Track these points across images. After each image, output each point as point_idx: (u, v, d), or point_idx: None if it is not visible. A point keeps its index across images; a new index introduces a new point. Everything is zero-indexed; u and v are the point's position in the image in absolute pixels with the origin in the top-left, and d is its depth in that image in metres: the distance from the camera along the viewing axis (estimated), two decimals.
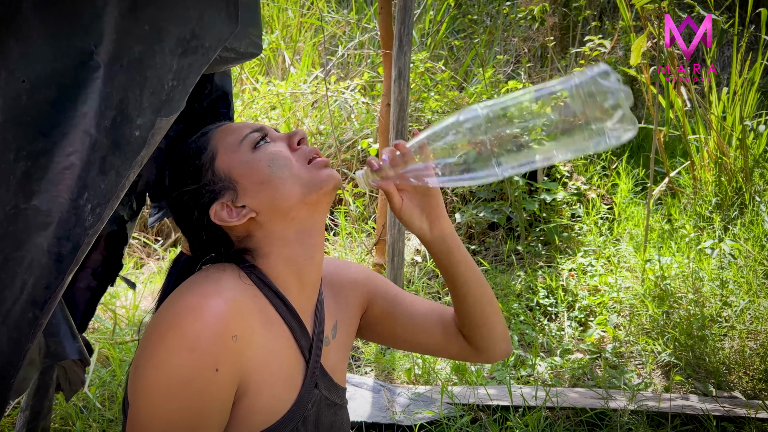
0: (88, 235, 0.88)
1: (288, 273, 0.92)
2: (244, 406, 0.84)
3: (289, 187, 0.90)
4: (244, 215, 0.90)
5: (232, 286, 0.86)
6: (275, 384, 0.87)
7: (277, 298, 0.91)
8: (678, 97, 3.53)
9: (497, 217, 3.32)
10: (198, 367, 0.78)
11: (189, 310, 0.81)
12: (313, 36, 4.97)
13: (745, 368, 2.33)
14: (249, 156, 0.91)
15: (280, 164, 0.90)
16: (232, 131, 0.94)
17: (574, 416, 2.05)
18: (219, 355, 0.79)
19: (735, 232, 3.09)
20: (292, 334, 0.91)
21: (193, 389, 0.77)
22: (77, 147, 0.85)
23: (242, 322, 0.82)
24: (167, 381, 0.77)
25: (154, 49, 0.87)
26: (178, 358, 0.77)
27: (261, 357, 0.85)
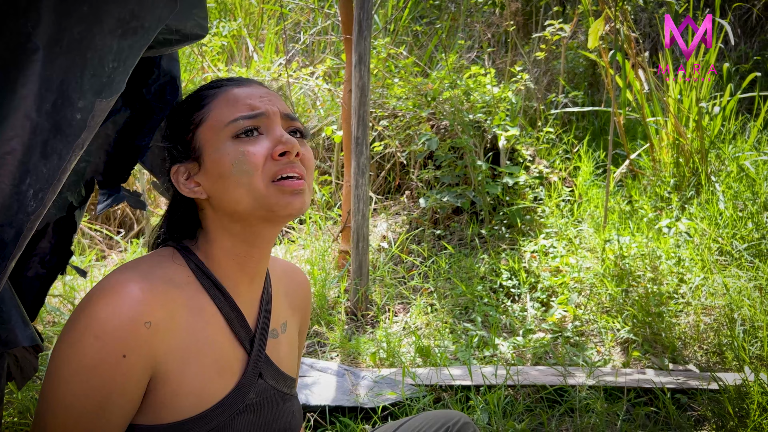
0: (30, 220, 0.87)
1: (229, 263, 0.91)
2: (166, 391, 0.84)
3: (241, 195, 0.86)
4: (194, 191, 0.90)
5: (159, 273, 0.86)
6: (204, 371, 0.86)
7: (215, 288, 0.90)
8: (636, 80, 3.59)
9: (461, 201, 3.35)
10: (104, 353, 0.77)
11: (104, 293, 0.80)
12: (275, 23, 4.92)
13: (699, 342, 2.40)
14: (223, 144, 0.87)
15: (242, 169, 0.85)
16: (236, 104, 0.89)
17: (534, 393, 2.10)
18: (127, 341, 0.78)
19: (691, 211, 3.17)
20: (228, 324, 0.91)
21: (99, 374, 0.78)
22: (18, 131, 0.84)
23: (160, 309, 0.82)
24: (74, 364, 0.78)
25: (93, 30, 0.86)
26: (85, 341, 0.78)
27: (185, 344, 0.85)
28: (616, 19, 3.16)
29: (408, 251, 3.27)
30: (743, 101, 4.42)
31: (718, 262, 2.80)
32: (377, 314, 2.73)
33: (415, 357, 2.38)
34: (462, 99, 3.62)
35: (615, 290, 2.65)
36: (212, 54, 4.50)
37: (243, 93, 0.90)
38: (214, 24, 4.62)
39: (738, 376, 2.04)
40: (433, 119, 3.64)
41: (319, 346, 2.54)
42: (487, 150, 3.57)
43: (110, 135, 1.44)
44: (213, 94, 0.92)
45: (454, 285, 2.87)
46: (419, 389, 2.07)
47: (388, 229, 3.49)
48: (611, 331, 2.52)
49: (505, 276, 2.91)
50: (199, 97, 0.92)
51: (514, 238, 3.24)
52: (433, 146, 3.40)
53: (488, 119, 3.56)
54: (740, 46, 5.26)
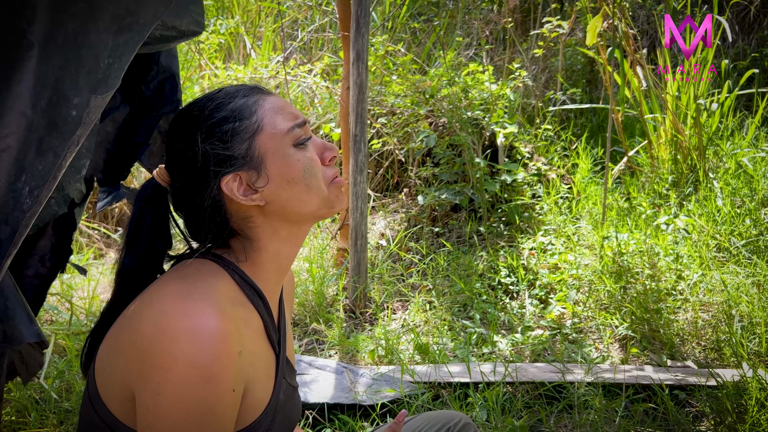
0: (26, 218, 0.87)
1: (272, 267, 0.94)
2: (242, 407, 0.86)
3: (311, 197, 0.91)
4: (253, 199, 0.89)
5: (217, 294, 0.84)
6: (259, 381, 0.89)
7: (257, 297, 0.92)
8: (634, 77, 3.59)
9: (459, 198, 3.35)
10: (218, 394, 0.78)
11: (188, 336, 0.77)
12: (273, 21, 4.91)
13: (698, 339, 2.41)
14: (290, 150, 0.90)
15: (313, 173, 0.91)
16: (283, 113, 0.91)
17: (532, 390, 2.10)
18: (232, 376, 0.79)
19: (689, 208, 3.17)
20: (265, 330, 0.93)
21: (215, 413, 0.78)
22: (13, 129, 0.84)
23: (238, 334, 0.82)
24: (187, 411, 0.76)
25: (88, 26, 0.86)
26: (195, 390, 0.76)
27: (250, 361, 0.86)
28: (614, 16, 3.16)
29: (406, 249, 3.27)
30: (741, 98, 4.42)
31: (716, 259, 2.80)
32: (376, 312, 2.73)
33: (413, 354, 2.38)
34: (460, 96, 3.61)
35: (613, 287, 2.65)
36: (210, 52, 4.49)
37: (280, 102, 0.93)
38: (211, 22, 4.61)
39: (736, 373, 2.05)
40: (431, 116, 3.64)
41: (318, 343, 2.54)
42: (485, 147, 3.57)
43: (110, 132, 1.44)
44: (254, 102, 0.91)
45: (453, 282, 2.87)
46: (418, 386, 2.07)
47: (387, 226, 3.49)
48: (609, 327, 2.52)
49: (503, 273, 2.91)
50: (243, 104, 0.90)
51: (512, 236, 3.24)
52: (431, 143, 3.40)
53: (486, 116, 3.55)
54: (738, 43, 5.26)
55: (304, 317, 2.71)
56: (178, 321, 0.78)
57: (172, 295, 0.82)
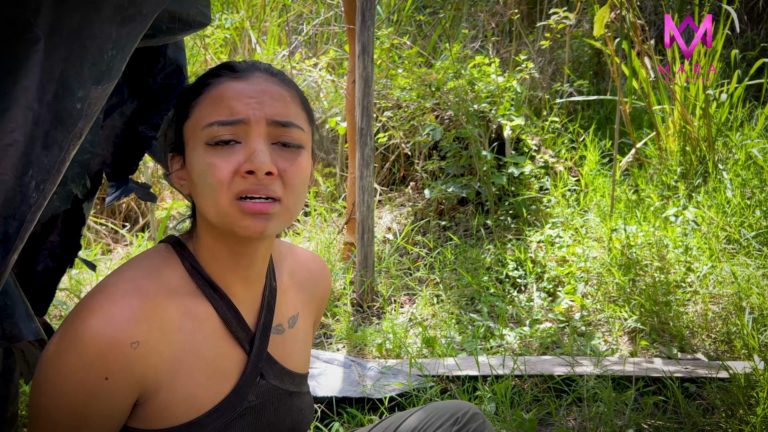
0: (32, 212, 0.86)
1: (217, 265, 0.88)
2: (158, 401, 0.82)
3: (207, 207, 0.83)
4: (180, 185, 0.88)
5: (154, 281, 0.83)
6: (197, 377, 0.84)
7: (209, 288, 0.87)
8: (642, 68, 3.56)
9: (466, 192, 3.34)
10: (86, 374, 0.76)
11: (93, 309, 0.78)
12: (278, 15, 4.90)
13: (707, 331, 2.39)
14: (197, 148, 0.83)
15: (206, 181, 0.80)
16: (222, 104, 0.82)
17: (541, 383, 2.09)
18: (109, 364, 0.76)
19: (699, 199, 3.15)
20: (225, 325, 0.88)
21: (81, 394, 0.76)
22: (20, 123, 0.83)
23: (150, 326, 0.79)
24: (57, 380, 0.76)
25: (92, 18, 0.85)
26: (69, 359, 0.76)
27: (177, 353, 0.83)
28: (621, 6, 3.13)
29: (413, 242, 3.26)
30: (750, 88, 4.37)
31: (726, 251, 2.78)
32: (383, 305, 2.72)
33: (421, 348, 2.38)
34: (466, 89, 3.60)
35: (622, 279, 2.64)
36: (215, 46, 4.48)
37: (232, 91, 0.82)
38: (216, 16, 4.60)
39: (747, 365, 2.03)
40: (437, 109, 3.62)
41: (326, 337, 2.54)
42: (492, 140, 3.55)
43: (117, 126, 1.44)
44: (208, 84, 0.85)
45: (460, 276, 2.87)
46: (426, 380, 2.07)
47: (393, 220, 3.48)
48: (618, 320, 2.50)
49: (511, 266, 2.90)
50: (198, 84, 0.87)
51: (519, 229, 3.22)
52: (437, 137, 3.39)
53: (493, 109, 3.54)
54: (747, 33, 5.21)
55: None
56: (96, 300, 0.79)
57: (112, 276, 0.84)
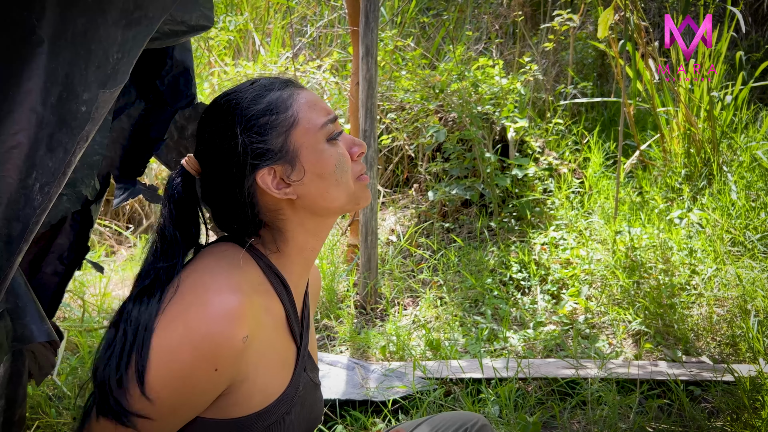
0: (36, 214, 0.86)
1: (298, 259, 0.95)
2: (242, 391, 0.86)
3: (339, 193, 0.92)
4: (285, 192, 0.90)
5: (244, 279, 0.87)
6: (271, 368, 0.90)
7: (281, 286, 0.93)
8: (646, 70, 3.55)
9: (470, 194, 3.33)
10: (198, 365, 0.79)
11: (202, 303, 0.81)
12: (282, 17, 4.91)
13: (712, 334, 2.38)
14: (323, 146, 0.91)
15: (344, 169, 0.92)
16: (317, 108, 0.92)
17: (545, 386, 2.08)
18: (221, 357, 0.80)
19: (703, 202, 3.14)
20: (287, 322, 0.94)
21: (188, 382, 0.80)
22: (24, 125, 0.83)
23: (253, 321, 0.84)
24: (165, 368, 0.79)
25: (97, 21, 0.85)
26: (182, 350, 0.79)
27: (262, 348, 0.87)
28: (625, 8, 3.13)
29: (417, 244, 3.26)
30: (755, 90, 4.36)
31: (731, 253, 2.77)
32: (386, 308, 2.72)
33: (425, 350, 2.37)
34: (470, 91, 3.59)
35: (626, 282, 2.63)
36: (219, 48, 4.49)
37: (313, 97, 0.93)
38: (220, 18, 4.61)
39: (752, 368, 2.02)
40: (441, 111, 3.62)
41: (329, 339, 2.54)
42: (495, 142, 3.55)
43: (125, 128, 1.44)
44: (289, 96, 0.91)
45: (464, 278, 2.86)
46: (429, 382, 2.06)
47: (397, 222, 3.47)
48: (623, 323, 2.49)
49: (515, 268, 2.89)
50: (279, 97, 0.91)
51: (523, 231, 3.21)
52: (441, 138, 3.38)
53: (497, 111, 3.53)
54: (751, 35, 5.19)
55: (315, 313, 2.71)
56: (201, 296, 0.82)
57: (195, 272, 0.86)
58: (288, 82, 0.94)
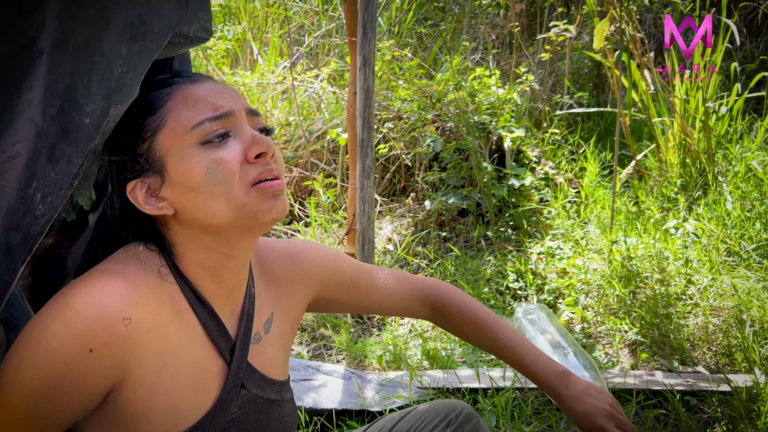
0: (40, 224, 0.86)
1: (203, 275, 0.85)
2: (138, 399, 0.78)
3: (219, 207, 0.79)
4: (159, 208, 0.81)
5: (145, 271, 0.80)
6: (178, 385, 0.80)
7: (193, 296, 0.84)
8: (642, 80, 3.58)
9: (467, 203, 3.34)
10: (70, 342, 0.72)
11: (86, 283, 0.76)
12: (280, 26, 4.93)
13: (708, 344, 2.39)
14: (191, 151, 0.79)
15: (218, 178, 0.78)
16: (198, 104, 0.80)
17: (542, 396, 2.08)
18: (97, 336, 0.73)
19: (699, 212, 3.16)
20: (207, 335, 0.85)
21: (59, 363, 0.73)
22: (23, 135, 0.84)
23: (144, 307, 0.76)
24: (38, 346, 0.73)
25: (101, 34, 0.86)
26: (55, 326, 0.73)
27: (163, 350, 0.79)
28: (621, 19, 3.15)
29: (414, 253, 3.26)
30: (750, 101, 4.39)
31: (727, 263, 2.78)
32: (384, 317, 2.72)
33: (422, 360, 2.37)
34: (467, 100, 3.61)
35: (622, 292, 2.64)
36: (217, 58, 4.51)
37: (201, 91, 0.82)
38: (218, 28, 4.63)
39: (748, 378, 2.03)
40: (438, 121, 3.64)
41: (326, 349, 2.54)
42: (492, 151, 3.56)
43: None
44: (166, 94, 0.82)
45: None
46: (426, 392, 2.06)
47: (394, 231, 3.48)
48: (619, 332, 2.50)
49: (511, 278, 2.90)
50: (149, 100, 0.83)
51: (520, 240, 3.22)
52: (437, 148, 3.40)
53: (493, 121, 3.55)
54: (746, 46, 5.24)
55: (311, 322, 2.71)
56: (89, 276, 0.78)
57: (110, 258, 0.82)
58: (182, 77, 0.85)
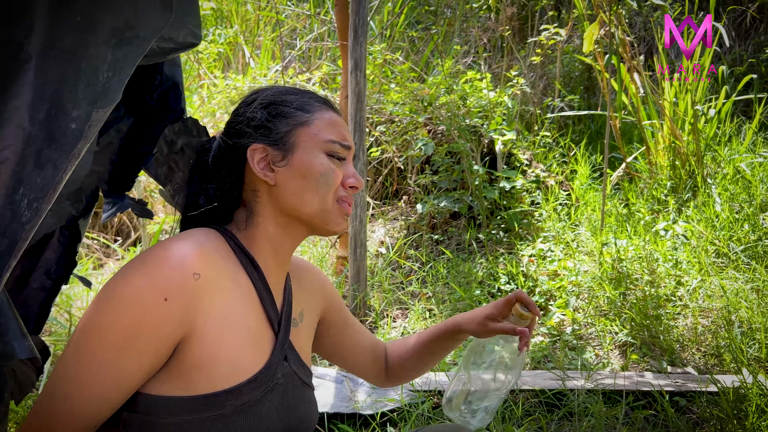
0: (25, 230, 0.86)
1: (267, 247, 0.97)
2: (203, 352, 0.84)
3: (314, 200, 0.95)
4: (266, 175, 0.95)
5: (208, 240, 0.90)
6: (239, 341, 0.88)
7: (252, 266, 0.95)
8: (632, 84, 3.60)
9: (458, 206, 3.35)
10: (147, 290, 0.81)
11: (161, 246, 0.86)
12: (272, 30, 4.93)
13: (697, 345, 2.40)
14: (319, 152, 0.96)
15: (326, 183, 0.95)
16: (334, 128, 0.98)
17: (533, 398, 2.09)
18: (172, 285, 0.81)
19: (688, 214, 3.18)
20: (261, 302, 0.95)
21: (136, 309, 0.80)
22: (10, 141, 0.84)
23: (210, 267, 0.86)
24: (117, 296, 0.81)
25: (87, 39, 0.86)
26: (134, 278, 0.82)
27: (224, 310, 0.87)
28: (610, 23, 3.17)
29: (406, 256, 3.27)
30: (738, 103, 4.43)
31: (715, 265, 2.80)
32: (376, 320, 2.73)
33: None
34: (458, 104, 3.63)
35: (613, 293, 2.65)
36: (209, 61, 4.51)
37: (339, 121, 1.00)
38: (210, 31, 4.63)
39: (736, 378, 2.04)
40: (429, 124, 3.65)
41: None
42: (483, 154, 3.58)
43: (114, 143, 1.45)
44: (318, 107, 0.99)
45: (453, 290, 2.87)
46: (418, 395, 2.07)
47: (386, 234, 3.49)
48: (609, 334, 2.51)
49: (503, 280, 2.91)
50: (308, 102, 0.99)
51: (511, 242, 3.24)
52: (429, 151, 3.41)
53: (485, 124, 3.56)
54: (735, 49, 5.28)
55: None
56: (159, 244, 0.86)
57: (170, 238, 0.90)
58: (328, 102, 1.01)
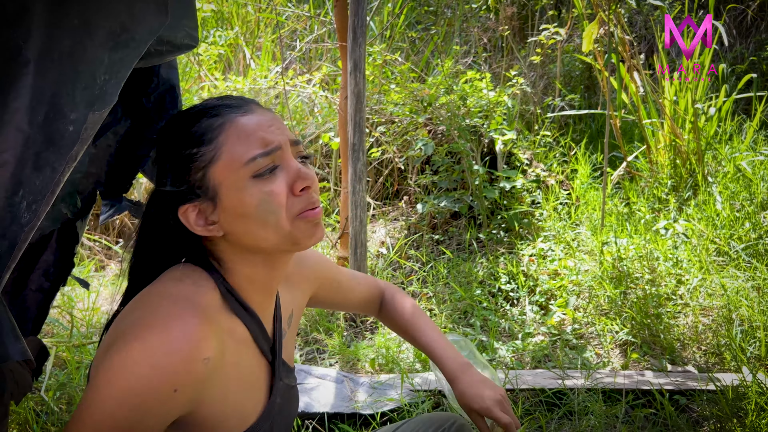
0: (24, 232, 0.87)
1: (251, 288, 0.92)
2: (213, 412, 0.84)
3: (267, 234, 0.86)
4: (210, 230, 0.87)
5: (208, 302, 0.85)
6: (242, 390, 0.89)
7: (241, 308, 0.90)
8: (632, 83, 3.60)
9: (459, 206, 3.36)
10: (157, 385, 0.76)
11: (161, 324, 0.79)
12: (272, 31, 4.94)
13: (698, 343, 2.40)
14: (244, 183, 0.85)
15: (268, 209, 0.85)
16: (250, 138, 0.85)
17: (533, 397, 2.10)
18: (181, 377, 0.77)
19: (689, 212, 3.18)
20: (254, 341, 0.93)
21: (144, 402, 0.76)
22: (10, 144, 0.84)
23: (215, 343, 0.81)
24: (122, 386, 0.76)
25: (84, 43, 0.87)
26: (140, 369, 0.76)
27: (228, 371, 0.85)
28: (609, 22, 3.17)
29: (407, 257, 3.27)
30: (739, 102, 4.42)
31: (716, 263, 2.80)
32: (376, 320, 2.73)
33: (414, 362, 2.38)
34: (458, 104, 3.63)
35: (613, 292, 2.65)
36: (209, 63, 4.52)
37: (251, 124, 0.86)
38: (210, 33, 4.64)
39: (736, 377, 2.04)
40: (429, 124, 3.65)
41: (318, 352, 2.54)
42: (484, 154, 3.58)
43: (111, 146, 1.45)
44: (219, 126, 0.87)
45: (453, 290, 2.88)
46: (418, 395, 2.07)
47: (387, 234, 3.49)
48: (610, 333, 2.52)
49: (503, 280, 2.91)
50: (202, 131, 0.87)
51: (512, 242, 3.24)
52: (429, 151, 3.41)
53: (485, 124, 3.57)
54: (735, 47, 5.27)
55: (304, 326, 2.71)
56: (159, 316, 0.80)
57: (157, 294, 0.85)
58: (233, 106, 0.89)
